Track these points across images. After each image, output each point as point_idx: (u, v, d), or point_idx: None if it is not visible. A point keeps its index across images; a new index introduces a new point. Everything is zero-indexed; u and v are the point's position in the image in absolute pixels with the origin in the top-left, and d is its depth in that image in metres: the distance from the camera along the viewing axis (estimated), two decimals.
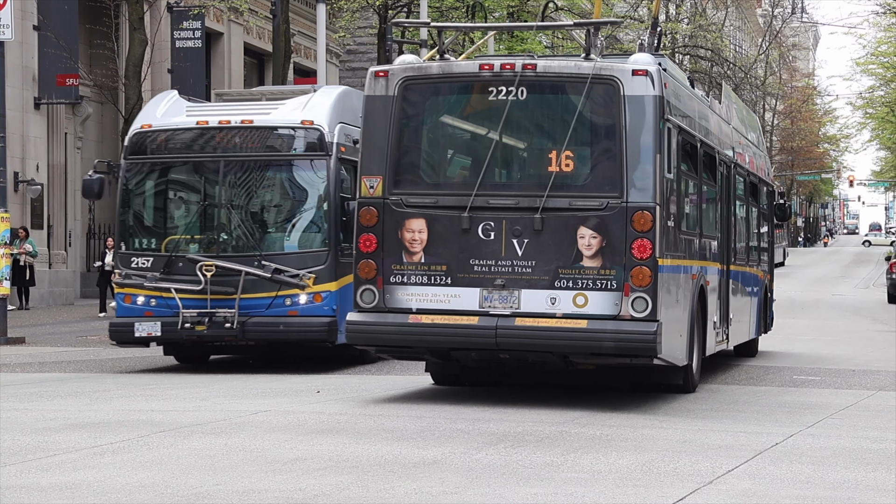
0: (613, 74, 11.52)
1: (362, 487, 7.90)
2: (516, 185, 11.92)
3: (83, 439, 9.74)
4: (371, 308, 11.88)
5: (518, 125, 11.99)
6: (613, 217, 11.41)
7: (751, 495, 7.93)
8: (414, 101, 11.96)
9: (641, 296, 11.36)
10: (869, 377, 16.33)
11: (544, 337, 11.55)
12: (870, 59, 63.88)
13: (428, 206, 11.81)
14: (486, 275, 11.64)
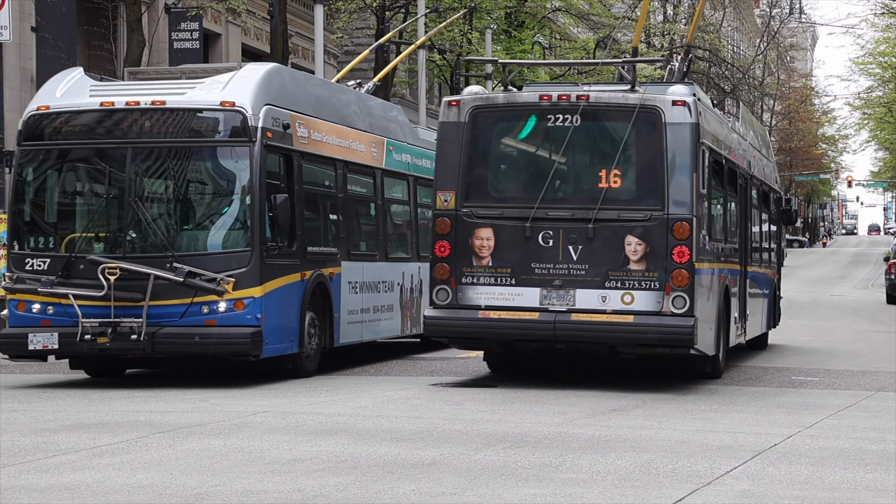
0: (656, 105, 13.42)
1: (361, 488, 7.90)
2: (571, 199, 13.76)
3: (82, 440, 9.74)
4: (445, 305, 13.75)
5: (573, 147, 13.81)
6: (656, 227, 13.30)
7: (749, 496, 7.93)
8: (482, 126, 13.85)
9: (680, 295, 13.24)
10: (868, 378, 16.33)
11: (596, 330, 13.40)
12: (867, 59, 63.93)
13: (495, 217, 13.70)
14: (545, 276, 13.50)
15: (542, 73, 38.25)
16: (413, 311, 18.59)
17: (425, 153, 19.16)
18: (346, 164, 16.34)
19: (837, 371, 17.26)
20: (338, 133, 16.17)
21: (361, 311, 16.72)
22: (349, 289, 16.20)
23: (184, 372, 15.90)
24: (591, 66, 34.11)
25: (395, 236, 18.71)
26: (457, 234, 13.72)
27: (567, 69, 42.44)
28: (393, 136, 18.37)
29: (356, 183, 16.92)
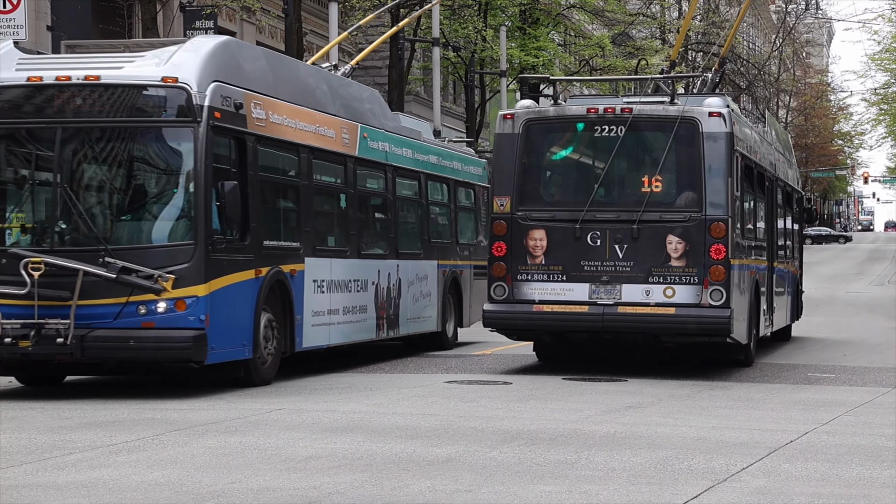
0: (695, 116, 14.73)
1: (376, 485, 7.91)
2: (617, 202, 15.10)
3: (99, 438, 9.77)
4: (502, 300, 15.04)
5: (617, 155, 15.06)
6: (695, 227, 14.62)
7: (765, 493, 7.91)
8: (534, 137, 15.22)
9: (718, 288, 14.54)
10: (884, 374, 16.28)
11: (640, 321, 14.71)
12: (884, 55, 63.65)
13: (547, 219, 15.03)
14: (593, 273, 14.84)
15: (556, 72, 38.21)
16: (391, 312, 17.08)
17: (407, 142, 18.12)
18: (312, 150, 14.66)
19: (854, 367, 17.20)
20: (302, 116, 14.47)
21: (329, 313, 15.09)
22: (315, 288, 14.61)
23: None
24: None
25: (370, 231, 17.06)
26: (512, 235, 15.04)
27: (582, 65, 42.41)
28: (369, 122, 16.71)
29: (324, 171, 15.29)
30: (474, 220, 21.19)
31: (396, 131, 17.92)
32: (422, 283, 18.37)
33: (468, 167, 21.02)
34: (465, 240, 20.54)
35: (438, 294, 19.08)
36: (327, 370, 15.67)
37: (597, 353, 16.78)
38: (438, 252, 19.19)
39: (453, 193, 20.09)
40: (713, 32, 60.80)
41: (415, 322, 18.19)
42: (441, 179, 19.66)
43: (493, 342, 19.63)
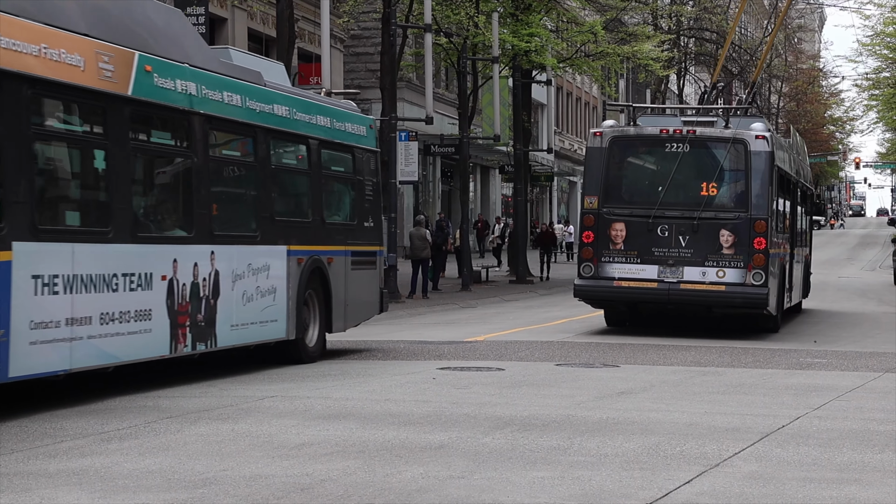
0: (745, 138, 18.73)
1: (369, 472, 7.91)
2: (681, 203, 18.87)
3: (90, 426, 9.76)
4: (589, 277, 18.95)
5: (682, 166, 18.96)
6: (742, 224, 18.55)
7: (757, 477, 7.93)
8: (617, 150, 19.12)
9: (759, 272, 18.47)
10: (875, 359, 16.31)
11: (698, 296, 18.64)
12: (876, 40, 63.64)
13: (626, 215, 18.90)
14: (661, 257, 18.71)
15: (548, 58, 38.14)
16: (199, 317, 12.60)
17: (234, 84, 13.46)
18: (34, 81, 10.22)
19: (845, 352, 17.24)
20: (17, 31, 10.04)
21: (71, 323, 10.61)
22: (37, 287, 10.17)
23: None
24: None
25: (158, 204, 12.59)
26: (598, 226, 18.90)
27: (574, 52, 42.35)
28: (157, 52, 12.10)
29: (62, 114, 11.07)
30: (355, 194, 16.41)
31: (215, 69, 13.19)
32: (258, 275, 13.70)
33: (344, 124, 15.95)
34: (337, 218, 15.96)
35: (289, 291, 14.29)
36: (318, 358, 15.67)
37: (658, 320, 20.43)
38: (289, 234, 14.42)
39: (316, 157, 15.13)
40: (705, 18, 60.73)
41: (246, 330, 13.54)
42: (296, 138, 14.80)
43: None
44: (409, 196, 47.78)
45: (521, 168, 40.05)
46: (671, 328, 20.15)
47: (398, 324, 23.00)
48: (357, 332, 20.82)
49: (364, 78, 48.54)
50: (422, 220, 32.73)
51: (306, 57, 38.42)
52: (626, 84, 62.96)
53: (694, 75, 77.15)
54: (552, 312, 25.65)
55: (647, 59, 44.20)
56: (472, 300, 29.39)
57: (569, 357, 15.80)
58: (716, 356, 16.34)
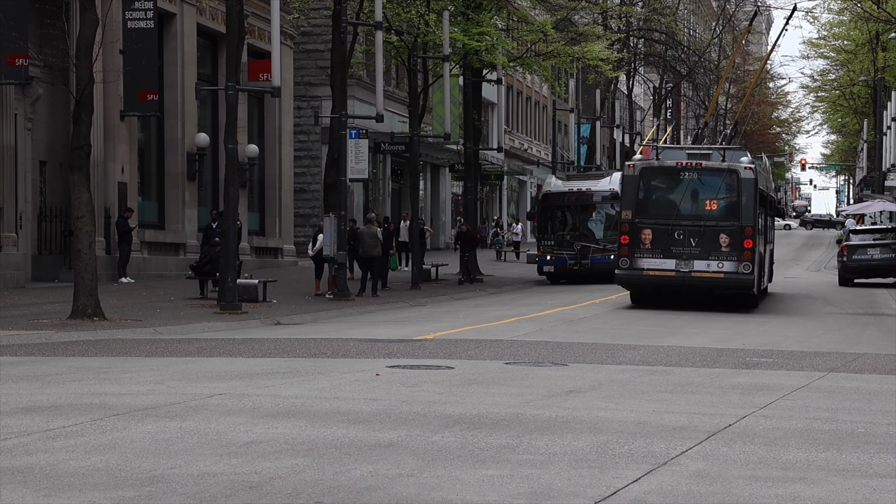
0: (737, 168, 25.91)
1: (318, 470, 7.88)
2: (692, 215, 25.91)
3: (35, 423, 9.64)
4: (626, 268, 25.97)
5: (693, 188, 26.13)
6: (736, 230, 25.58)
7: (704, 476, 7.99)
8: (645, 177, 26.20)
9: (747, 263, 25.49)
10: (820, 359, 16.51)
11: (704, 281, 25.74)
12: (822, 42, 64.36)
13: (652, 223, 25.89)
14: (678, 254, 25.69)
15: (499, 57, 38.22)
16: None
17: None
18: None
19: (791, 352, 17.42)
20: None
21: None
22: None
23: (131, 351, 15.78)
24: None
25: None
26: (632, 232, 25.98)
27: (525, 51, 42.47)
28: None
29: None
30: None
31: None
32: None
33: None
34: None
35: None
36: (272, 354, 15.59)
37: (673, 299, 26.74)
38: None
39: None
40: (654, 19, 61.13)
41: None
42: None
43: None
44: (360, 194, 47.67)
45: (471, 167, 40.10)
46: (680, 306, 26.57)
47: (348, 321, 22.94)
48: (307, 329, 20.75)
49: (314, 75, 48.36)
50: (372, 217, 32.67)
51: (256, 53, 38.22)
52: (576, 84, 63.24)
53: (643, 76, 77.64)
54: (501, 311, 25.70)
55: (597, 60, 44.42)
56: (421, 298, 29.39)
57: (518, 356, 15.84)
58: (663, 355, 16.45)
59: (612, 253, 35.90)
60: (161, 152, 35.48)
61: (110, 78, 28.77)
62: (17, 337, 18.14)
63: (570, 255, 36.44)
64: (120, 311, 22.35)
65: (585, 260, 36.37)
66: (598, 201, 37.26)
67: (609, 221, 36.84)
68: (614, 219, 36.33)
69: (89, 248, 20.82)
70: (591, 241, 36.79)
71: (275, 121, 41.26)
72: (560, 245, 36.82)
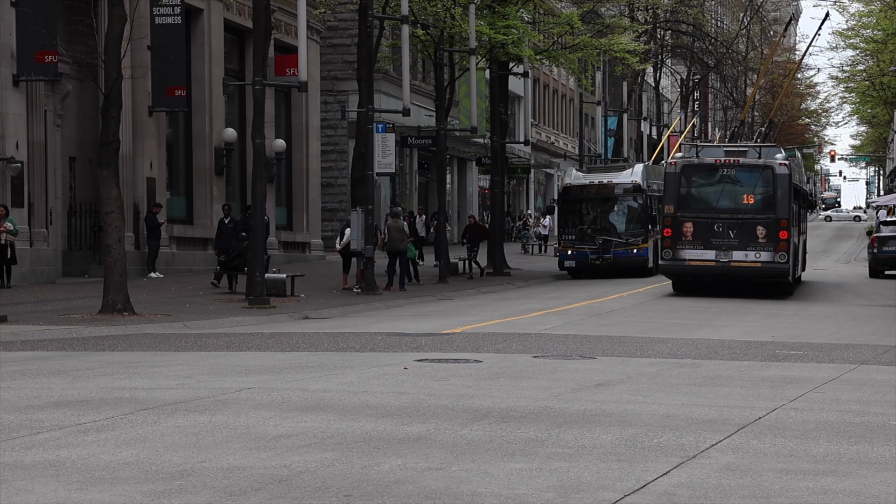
0: (772, 165, 27.84)
1: (347, 464, 7.90)
2: (730, 209, 27.79)
3: (66, 417, 9.71)
4: (669, 259, 27.99)
5: (731, 183, 28.01)
6: (772, 222, 27.55)
7: (734, 469, 7.96)
8: (687, 173, 28.10)
9: (783, 253, 27.49)
10: (851, 351, 16.40)
11: (742, 270, 27.64)
12: (851, 33, 63.88)
13: (693, 217, 27.83)
14: (718, 245, 27.60)
15: (525, 50, 38.13)
16: None
17: None
18: None
19: (821, 344, 17.33)
20: None
21: None
22: None
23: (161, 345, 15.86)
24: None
25: None
26: (674, 225, 27.88)
27: (551, 44, 42.38)
28: None
29: None
30: None
31: None
32: None
33: None
34: None
35: None
36: (301, 348, 15.64)
37: (713, 287, 28.47)
38: None
39: None
40: (681, 10, 60.83)
41: None
42: None
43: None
44: (387, 188, 47.71)
45: (497, 160, 40.05)
46: (713, 295, 28.36)
47: (375, 315, 22.98)
48: (335, 323, 20.79)
49: (341, 69, 48.41)
50: (399, 211, 32.67)
51: (283, 48, 38.29)
52: (602, 77, 63.06)
53: (670, 68, 77.29)
54: (529, 304, 25.68)
55: (624, 53, 44.25)
56: (448, 292, 29.40)
57: (546, 349, 15.82)
58: (692, 348, 16.39)
59: (634, 247, 35.91)
60: (189, 147, 35.63)
61: (138, 74, 28.91)
62: (48, 332, 18.28)
63: (592, 249, 35.93)
64: (149, 305, 22.47)
65: (607, 254, 35.83)
66: (619, 194, 36.65)
67: (631, 214, 36.51)
68: (636, 212, 36.24)
69: (119, 243, 20.95)
70: (612, 234, 36.18)
71: (302, 115, 41.34)
72: (581, 239, 36.21)
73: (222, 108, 36.24)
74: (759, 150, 28.50)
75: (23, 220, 28.06)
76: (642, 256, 36.25)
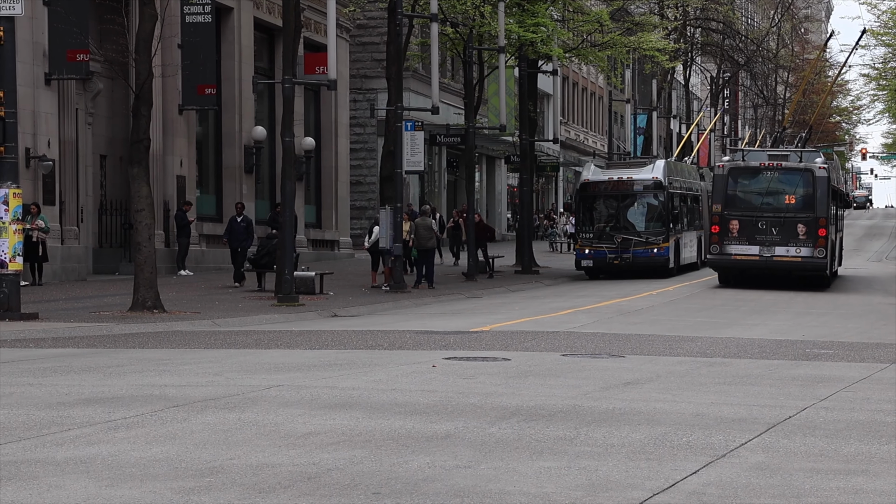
0: (811, 168, 30.11)
1: (375, 461, 7.91)
2: (773, 208, 30.23)
3: (97, 414, 9.77)
4: (717, 254, 30.31)
5: (774, 185, 30.41)
6: (812, 220, 29.80)
7: (764, 468, 7.92)
8: (733, 176, 30.55)
9: (821, 249, 29.71)
10: (882, 350, 16.29)
11: (784, 264, 30.06)
12: (883, 29, 63.38)
13: (738, 215, 30.15)
14: (761, 241, 29.87)
15: (554, 48, 38.05)
16: None
17: None
18: None
19: (851, 343, 17.22)
20: None
21: None
22: None
23: (191, 342, 15.93)
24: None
25: None
26: (721, 223, 30.31)
27: (581, 41, 42.29)
28: None
29: None
30: None
31: None
32: None
33: None
34: None
35: None
36: (331, 346, 15.68)
37: (757, 280, 30.67)
38: None
39: None
40: (711, 8, 60.54)
41: None
42: None
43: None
44: (415, 186, 47.74)
45: (526, 158, 40.00)
46: (756, 286, 30.56)
47: (404, 313, 23.00)
48: (363, 321, 20.82)
49: (370, 68, 48.47)
50: (427, 209, 32.68)
51: (313, 46, 38.38)
52: (632, 75, 62.84)
53: (700, 66, 76.94)
54: (557, 303, 25.63)
55: (653, 51, 44.10)
56: (477, 290, 29.39)
57: (574, 347, 15.79)
58: (721, 347, 16.32)
59: (654, 246, 34.58)
60: (219, 146, 35.78)
61: (169, 72, 29.05)
62: (79, 329, 18.40)
63: (610, 248, 34.54)
64: (179, 303, 22.58)
65: (626, 254, 34.44)
66: (639, 191, 35.27)
67: (652, 212, 35.25)
68: (657, 209, 35.03)
69: (149, 241, 21.06)
70: (632, 233, 34.85)
71: (331, 113, 41.42)
72: (599, 238, 34.84)
73: (252, 107, 36.36)
74: (800, 154, 30.82)
75: (54, 217, 28.25)
76: (663, 256, 34.90)
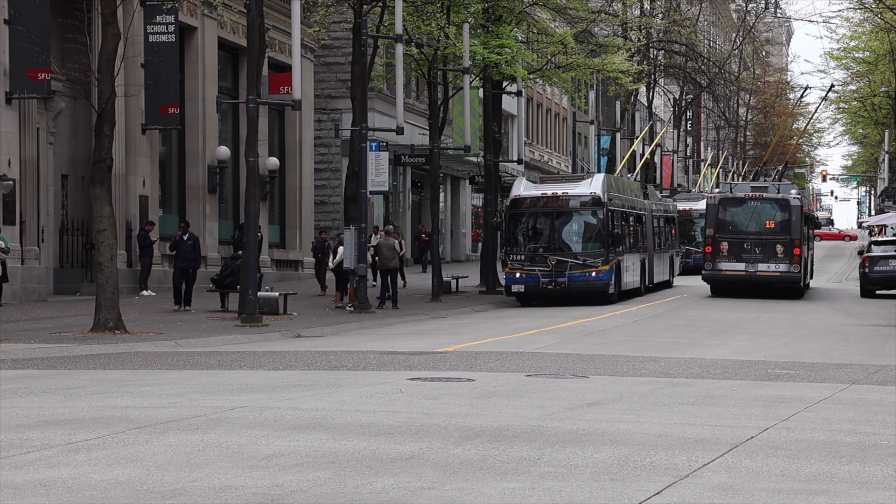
0: (787, 198, 36.22)
1: (339, 483, 7.88)
2: (756, 231, 35.94)
3: (57, 436, 9.68)
4: (710, 270, 35.88)
5: (758, 212, 36.09)
6: (788, 241, 35.55)
7: (727, 489, 7.96)
8: (723, 204, 36.48)
9: (796, 265, 35.52)
10: (843, 371, 16.42)
11: (765, 278, 35.74)
12: (842, 54, 64.15)
13: (727, 238, 35.83)
14: (747, 259, 35.53)
15: (519, 69, 38.23)
16: None
17: None
18: None
19: (812, 364, 17.34)
20: None
21: None
22: None
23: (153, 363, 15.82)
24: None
25: None
26: (714, 244, 35.59)
27: (545, 63, 42.53)
28: None
29: None
30: None
31: None
32: None
33: None
34: None
35: None
36: (293, 367, 15.61)
37: (743, 291, 35.45)
38: None
39: None
40: (674, 30, 61.06)
41: None
42: None
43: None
44: (380, 206, 47.73)
45: (491, 179, 40.09)
46: (742, 296, 34.90)
47: (368, 334, 22.96)
48: (327, 341, 20.77)
49: (335, 88, 48.47)
50: (391, 229, 32.65)
51: (277, 66, 38.35)
52: (596, 96, 63.21)
53: (663, 87, 77.52)
54: (521, 323, 25.68)
55: (617, 73, 44.39)
56: (441, 311, 29.38)
57: (539, 368, 15.82)
58: (684, 367, 16.40)
59: (593, 269, 31.26)
60: (182, 165, 35.64)
61: (132, 91, 28.93)
62: (40, 350, 18.22)
63: (544, 271, 31.00)
64: (141, 323, 22.43)
65: (562, 277, 30.97)
66: (575, 207, 31.97)
67: (590, 231, 32.16)
68: (595, 228, 31.91)
69: (111, 261, 20.92)
70: (568, 255, 31.46)
71: (295, 133, 41.39)
72: (531, 260, 31.26)
73: (216, 126, 36.26)
74: (777, 186, 37.54)
75: (14, 237, 28.00)
76: (602, 280, 31.46)
